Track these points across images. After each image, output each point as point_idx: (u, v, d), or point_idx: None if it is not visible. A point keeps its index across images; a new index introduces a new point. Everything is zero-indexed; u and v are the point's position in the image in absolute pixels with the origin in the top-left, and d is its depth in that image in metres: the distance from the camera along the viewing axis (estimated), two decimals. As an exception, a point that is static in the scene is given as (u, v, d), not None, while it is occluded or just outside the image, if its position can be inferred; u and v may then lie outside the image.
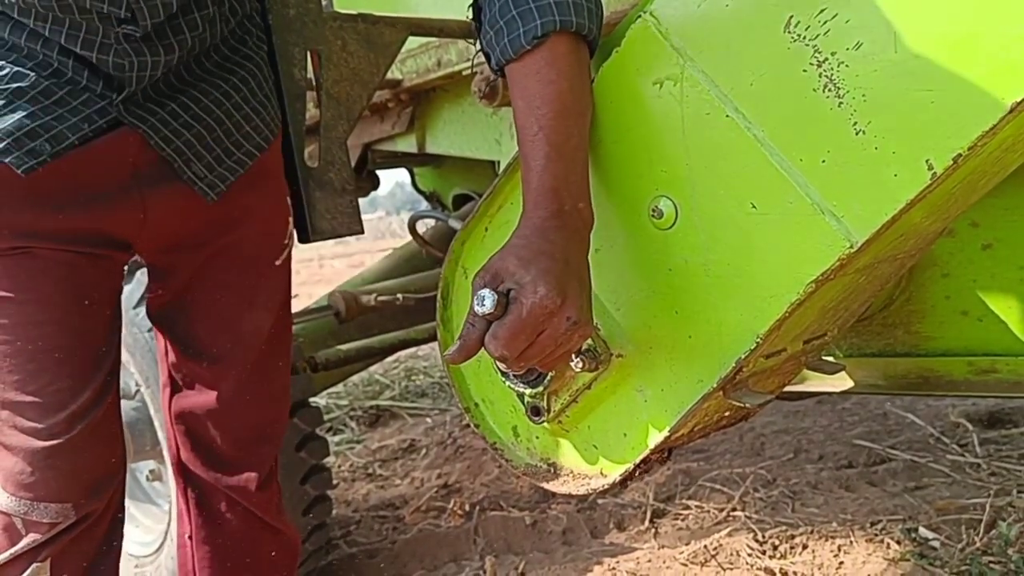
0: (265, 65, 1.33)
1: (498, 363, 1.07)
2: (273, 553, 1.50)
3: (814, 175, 0.86)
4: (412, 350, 5.02)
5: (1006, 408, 2.95)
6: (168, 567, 2.23)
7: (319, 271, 12.30)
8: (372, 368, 4.45)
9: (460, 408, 1.34)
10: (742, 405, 1.00)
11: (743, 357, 0.94)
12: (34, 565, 1.22)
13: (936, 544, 2.06)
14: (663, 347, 1.02)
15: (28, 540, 1.21)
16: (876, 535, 2.16)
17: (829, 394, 1.63)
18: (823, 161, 0.85)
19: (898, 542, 2.10)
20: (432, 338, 2.65)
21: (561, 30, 0.97)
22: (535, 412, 1.14)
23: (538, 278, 0.92)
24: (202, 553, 1.46)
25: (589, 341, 1.06)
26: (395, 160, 2.75)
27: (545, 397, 1.13)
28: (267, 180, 1.35)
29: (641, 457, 1.07)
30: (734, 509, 2.46)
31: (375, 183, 2.93)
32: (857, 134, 0.82)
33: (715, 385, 0.97)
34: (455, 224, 2.33)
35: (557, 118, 0.97)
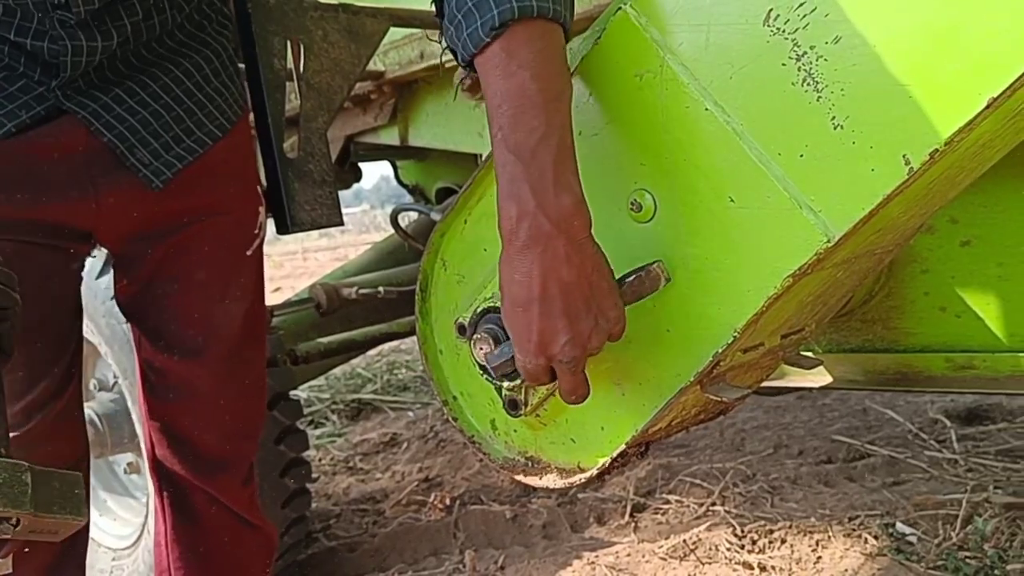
0: (225, 51, 1.30)
1: (475, 356, 1.07)
2: (251, 550, 1.48)
3: (792, 169, 0.85)
4: (395, 344, 5.01)
5: (984, 405, 2.97)
6: (146, 560, 2.21)
7: (303, 264, 12.26)
8: (354, 362, 4.44)
9: (440, 403, 1.34)
10: (719, 399, 1.00)
11: (720, 351, 0.94)
12: None
13: (913, 539, 2.08)
14: (641, 341, 1.01)
15: None
16: (854, 530, 2.17)
17: (809, 390, 1.64)
18: (801, 155, 0.85)
19: (876, 537, 2.11)
20: (413, 332, 2.64)
21: (520, 17, 0.88)
22: (513, 406, 1.14)
23: (517, 341, 0.93)
24: (178, 552, 1.44)
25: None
26: (378, 152, 2.74)
27: (523, 391, 1.12)
28: (232, 168, 1.32)
29: (618, 451, 1.07)
30: (714, 504, 2.47)
31: (358, 175, 2.92)
32: (835, 128, 0.82)
33: (692, 379, 0.97)
34: (437, 217, 2.32)
35: (517, 116, 0.88)
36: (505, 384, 1.12)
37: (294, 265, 12.64)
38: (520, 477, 1.19)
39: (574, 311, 0.91)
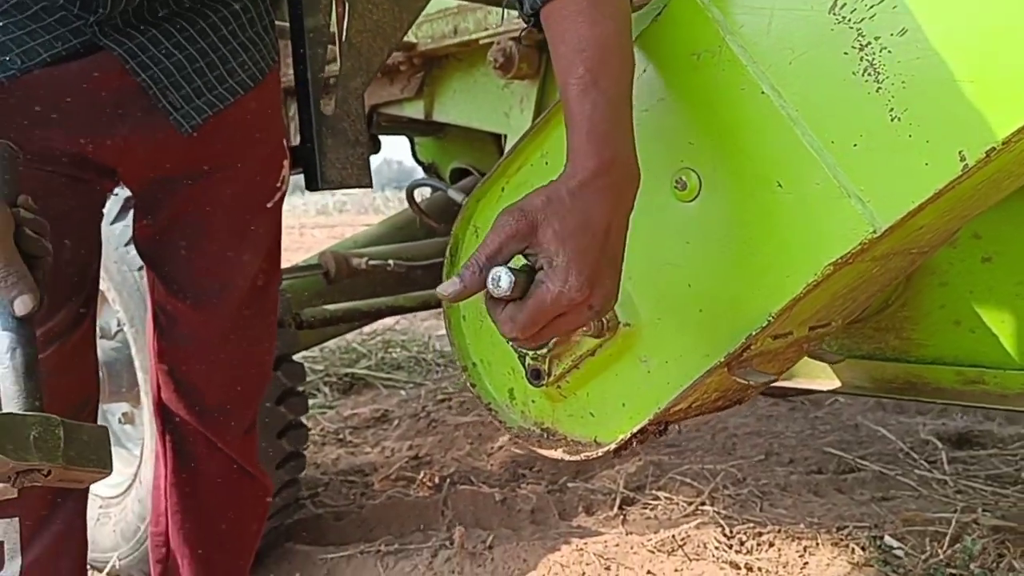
0: (260, 3, 1.30)
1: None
2: (247, 498, 1.49)
3: (844, 158, 0.86)
4: (391, 323, 5.02)
5: (976, 431, 3.00)
6: (134, 510, 2.21)
7: (299, 239, 12.22)
8: (349, 336, 4.44)
9: (435, 384, 1.35)
10: (746, 383, 1.01)
11: (754, 334, 0.95)
12: (1, 485, 1.20)
13: (900, 553, 2.09)
14: (672, 319, 1.02)
15: None
16: (842, 540, 2.18)
17: (816, 392, 1.65)
18: (855, 145, 0.86)
19: (863, 548, 2.12)
20: (420, 307, 2.64)
21: None
22: (535, 375, 1.14)
23: (571, 264, 0.85)
24: (176, 496, 1.44)
25: (598, 308, 1.06)
26: (399, 126, 2.74)
27: (547, 360, 1.13)
28: (259, 120, 1.32)
29: (638, 427, 1.07)
30: (703, 503, 2.48)
31: (376, 147, 2.92)
32: (892, 120, 0.83)
33: (722, 360, 0.98)
34: (454, 195, 2.33)
35: (605, 60, 0.88)
36: (530, 353, 1.13)
37: (291, 240, 12.58)
38: (534, 448, 1.19)
39: (619, 266, 0.91)
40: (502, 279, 0.87)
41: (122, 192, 1.53)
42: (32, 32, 1.10)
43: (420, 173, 3.35)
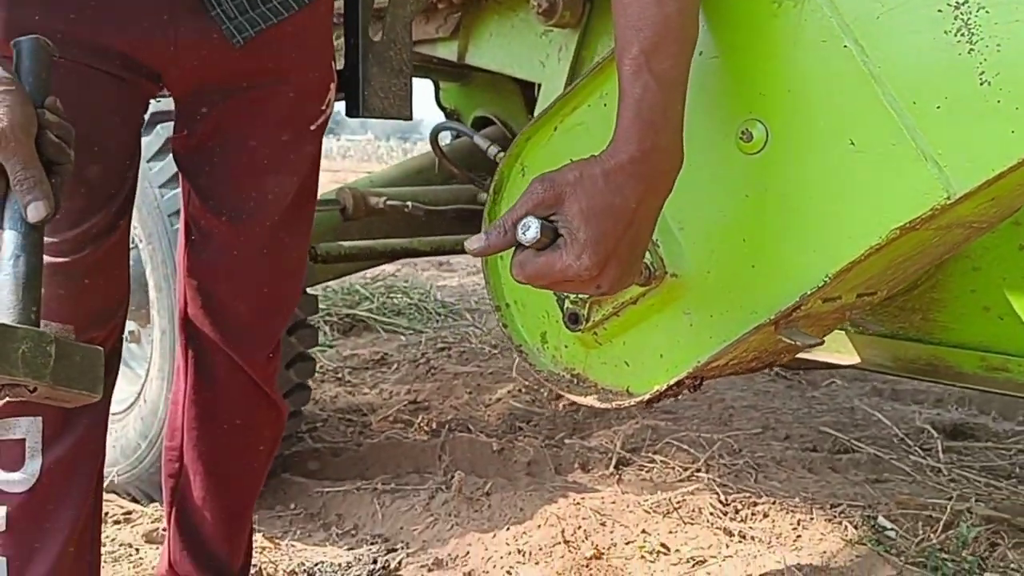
0: None
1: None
2: (263, 421, 1.49)
3: (925, 120, 0.85)
4: (392, 269, 5.00)
5: (971, 423, 3.01)
6: (136, 428, 2.21)
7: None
8: (352, 278, 4.43)
9: (435, 332, 1.33)
10: (791, 343, 1.00)
11: (808, 294, 0.94)
12: None
13: (893, 534, 2.11)
14: (722, 273, 1.01)
15: None
16: (835, 517, 2.20)
17: (837, 366, 1.64)
18: (938, 107, 0.84)
19: (856, 527, 2.14)
20: (434, 252, 2.63)
21: None
22: (573, 319, 1.13)
23: (588, 243, 0.90)
24: (192, 413, 1.44)
25: (647, 255, 1.04)
26: (429, 66, 2.69)
27: (587, 305, 1.12)
28: (309, 40, 1.30)
29: (675, 380, 1.07)
30: (699, 470, 2.49)
31: (405, 85, 2.88)
32: (982, 84, 0.81)
33: (771, 318, 0.97)
34: (480, 141, 2.30)
35: (661, 44, 0.89)
36: (570, 296, 1.12)
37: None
38: (564, 392, 1.19)
39: (640, 251, 0.95)
40: (531, 229, 0.91)
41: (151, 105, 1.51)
42: None
43: (426, 125, 3.31)
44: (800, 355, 1.59)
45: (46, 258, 1.16)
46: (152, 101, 1.32)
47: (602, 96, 1.10)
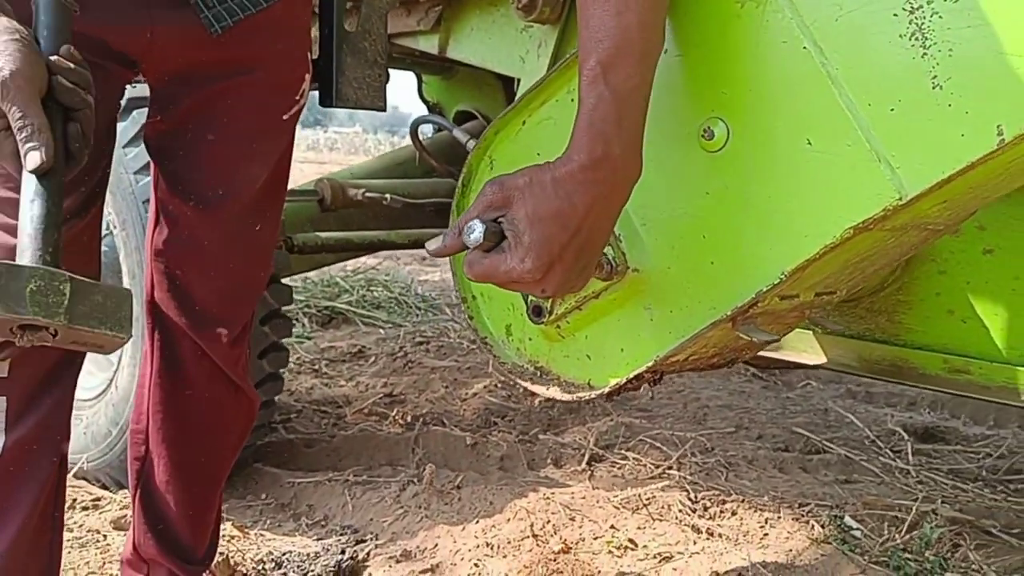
0: None
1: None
2: (230, 410, 1.49)
3: (880, 121, 0.86)
4: (374, 262, 5.00)
5: (942, 427, 3.04)
6: (107, 414, 2.21)
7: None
8: (332, 270, 4.43)
9: (414, 326, 1.34)
10: (748, 339, 1.02)
11: (764, 290, 0.95)
12: None
13: (859, 534, 2.13)
14: (683, 268, 1.02)
15: None
16: (803, 516, 2.22)
17: (803, 366, 1.66)
18: (892, 109, 0.85)
19: (823, 526, 2.16)
20: (411, 245, 2.63)
21: None
22: (536, 312, 1.14)
23: (532, 246, 0.92)
24: (157, 397, 1.44)
25: (609, 250, 1.06)
26: (410, 59, 2.69)
27: (550, 299, 1.13)
28: (286, 31, 1.30)
29: (634, 374, 1.08)
30: (670, 467, 2.51)
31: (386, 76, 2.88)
32: (934, 88, 0.82)
33: (728, 313, 0.98)
34: (459, 135, 2.30)
35: (619, 55, 0.90)
36: (534, 289, 1.12)
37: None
38: (527, 384, 1.20)
39: (588, 258, 0.97)
40: (475, 231, 0.95)
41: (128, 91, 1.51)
42: None
43: (414, 115, 3.32)
44: (767, 354, 1.61)
45: (9, 239, 1.16)
46: (128, 87, 1.32)
47: (570, 91, 1.11)
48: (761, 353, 1.47)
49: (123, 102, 1.91)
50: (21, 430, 1.21)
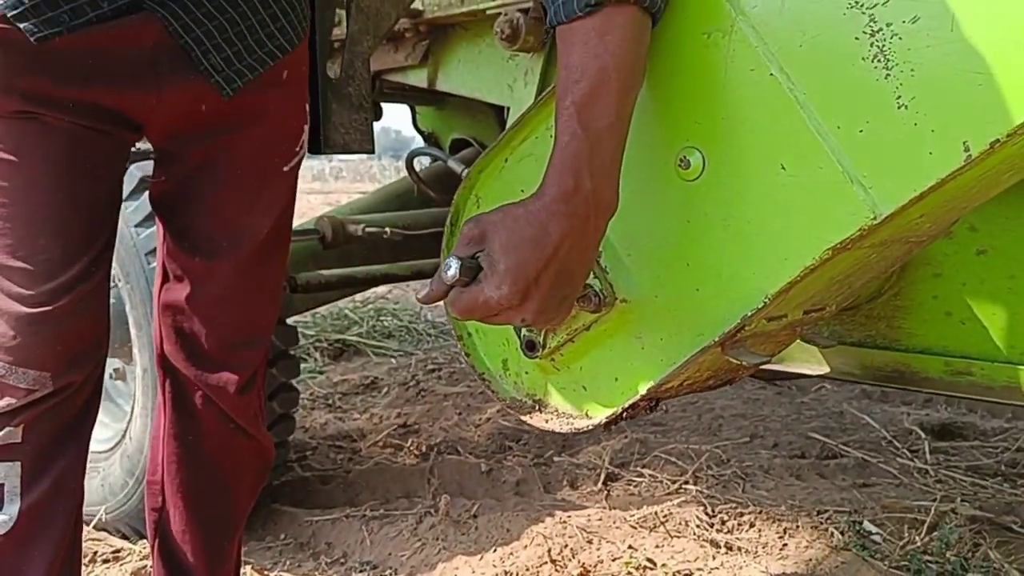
0: None
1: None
2: (242, 457, 1.50)
3: (849, 143, 0.87)
4: (383, 291, 5.03)
5: (958, 422, 3.03)
6: (123, 466, 2.23)
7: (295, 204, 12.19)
8: (341, 303, 4.45)
9: (425, 354, 1.36)
10: (738, 362, 1.02)
11: (749, 315, 0.96)
12: (7, 429, 1.21)
13: (878, 538, 2.12)
14: (669, 297, 1.03)
15: (3, 404, 1.21)
16: (821, 523, 2.21)
17: (806, 377, 1.66)
18: (860, 131, 0.86)
19: (842, 532, 2.15)
20: (414, 276, 2.65)
21: (619, 1, 0.91)
22: (530, 347, 1.15)
23: (508, 273, 0.94)
24: (171, 448, 1.46)
25: (596, 282, 1.07)
26: (401, 94, 2.72)
27: (542, 333, 1.14)
28: (287, 84, 1.33)
29: (629, 403, 1.09)
30: (686, 482, 2.51)
31: (378, 114, 2.90)
32: (899, 108, 0.83)
33: (716, 339, 0.99)
34: (454, 165, 2.32)
35: (593, 95, 0.92)
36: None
37: (285, 203, 12.52)
38: (525, 418, 1.21)
39: (566, 288, 0.98)
40: (451, 268, 0.97)
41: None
42: None
43: (419, 142, 3.35)
44: (772, 367, 1.61)
45: (25, 309, 1.19)
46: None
47: (548, 127, 1.11)
48: (766, 367, 1.48)
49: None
50: (35, 494, 1.23)
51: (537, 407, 1.20)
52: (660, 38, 1.00)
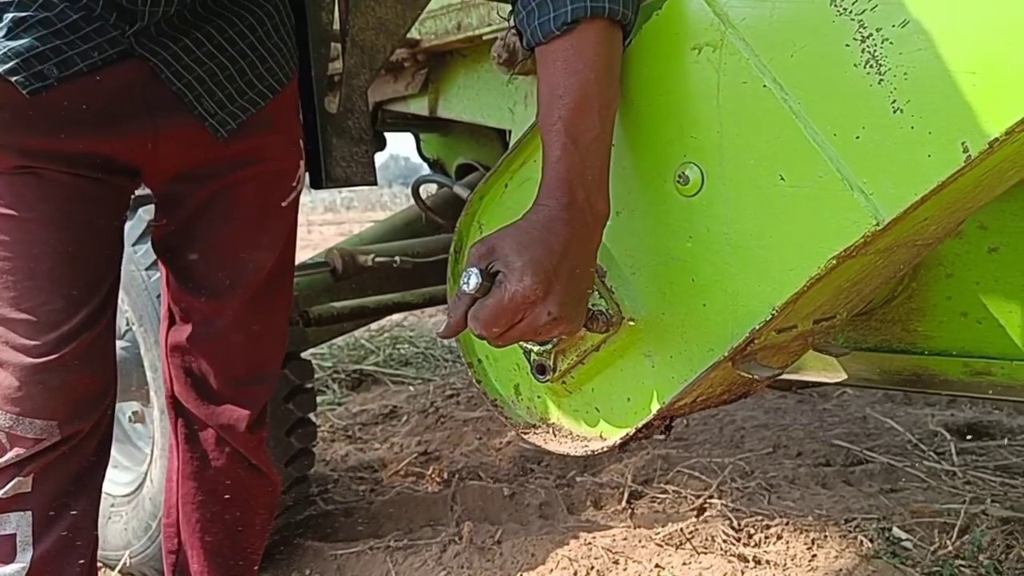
0: (283, 8, 1.33)
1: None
2: (254, 493, 1.50)
3: (847, 150, 0.86)
4: (399, 319, 5.03)
5: (984, 421, 2.99)
6: (146, 508, 2.22)
7: (307, 236, 12.24)
8: (357, 333, 4.45)
9: (443, 379, 1.35)
10: (750, 376, 1.01)
11: (757, 328, 0.95)
12: (16, 479, 1.22)
13: (908, 545, 2.09)
14: (676, 314, 1.02)
15: (12, 454, 1.22)
16: (850, 532, 2.18)
17: (824, 384, 1.65)
18: (857, 137, 0.86)
19: (871, 540, 2.12)
20: (426, 303, 2.65)
21: (592, 16, 0.95)
22: (540, 370, 1.15)
23: (527, 267, 0.94)
24: (186, 488, 1.46)
25: (603, 303, 1.06)
26: (404, 122, 2.74)
27: (552, 355, 1.13)
28: (280, 122, 1.35)
29: (643, 422, 1.08)
30: (711, 497, 2.48)
31: (381, 144, 2.92)
32: (895, 112, 0.83)
33: (726, 354, 0.98)
34: (460, 191, 2.33)
35: (578, 110, 0.95)
36: (535, 348, 1.13)
37: (299, 237, 12.55)
38: (540, 443, 1.20)
39: (581, 284, 0.99)
40: (471, 277, 0.96)
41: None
42: (70, 42, 1.14)
43: (427, 169, 3.36)
44: (789, 377, 1.59)
45: (30, 359, 1.20)
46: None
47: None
48: (784, 377, 1.46)
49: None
50: (48, 542, 1.23)
51: (551, 431, 1.19)
52: (650, 54, 1.00)
